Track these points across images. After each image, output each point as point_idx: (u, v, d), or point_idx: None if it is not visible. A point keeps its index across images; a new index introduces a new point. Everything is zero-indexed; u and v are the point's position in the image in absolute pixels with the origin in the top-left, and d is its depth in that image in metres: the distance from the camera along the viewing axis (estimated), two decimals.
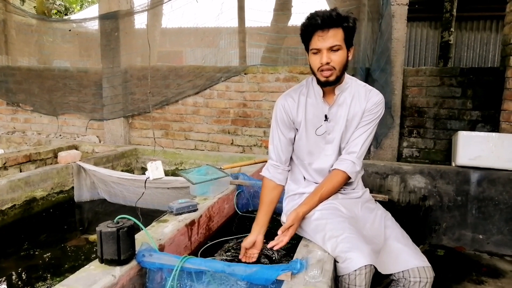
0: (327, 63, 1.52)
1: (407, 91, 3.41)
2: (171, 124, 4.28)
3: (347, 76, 1.72)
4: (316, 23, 1.50)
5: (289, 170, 1.83)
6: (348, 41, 1.56)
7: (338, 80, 1.60)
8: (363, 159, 1.73)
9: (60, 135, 4.81)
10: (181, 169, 3.78)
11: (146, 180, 2.27)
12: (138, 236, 1.58)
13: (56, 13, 8.00)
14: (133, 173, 3.99)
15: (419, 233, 3.07)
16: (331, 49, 1.52)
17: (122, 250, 1.34)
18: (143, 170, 4.02)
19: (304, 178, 1.80)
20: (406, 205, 3.13)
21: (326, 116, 1.69)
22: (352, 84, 1.71)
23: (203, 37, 4.10)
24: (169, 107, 4.26)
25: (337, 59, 1.53)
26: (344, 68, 1.60)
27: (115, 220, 1.38)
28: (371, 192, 3.19)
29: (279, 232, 1.58)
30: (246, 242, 1.69)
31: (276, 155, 1.77)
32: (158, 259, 1.38)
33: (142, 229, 1.45)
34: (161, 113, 4.31)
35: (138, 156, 4.03)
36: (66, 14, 11.22)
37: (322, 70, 1.55)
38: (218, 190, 2.28)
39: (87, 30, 4.79)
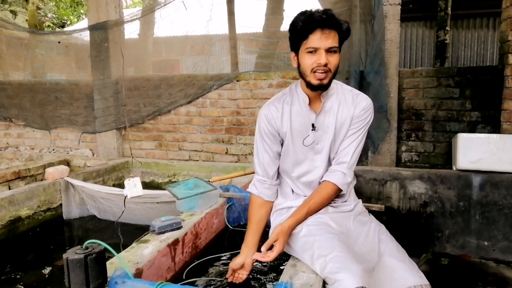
0: (325, 65, 1.43)
1: (403, 93, 3.30)
2: (164, 134, 4.19)
3: (332, 81, 1.62)
4: (317, 20, 1.40)
5: (278, 184, 1.72)
6: (341, 46, 1.49)
7: (330, 84, 1.51)
8: (360, 165, 1.64)
9: (53, 150, 4.73)
10: (175, 181, 3.68)
11: (125, 198, 2.16)
12: (115, 260, 1.48)
13: (48, 26, 7.96)
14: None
15: (421, 241, 2.95)
16: (329, 50, 1.43)
17: (91, 279, 1.23)
18: None
19: (292, 191, 1.69)
20: (407, 212, 3.01)
21: (313, 125, 1.59)
22: (338, 89, 1.61)
23: (193, 44, 4.01)
24: (162, 117, 4.17)
25: (334, 61, 1.45)
26: (336, 72, 1.51)
27: (84, 246, 1.28)
28: (369, 200, 3.12)
29: (262, 248, 1.47)
30: (234, 263, 1.59)
31: (262, 170, 1.67)
32: (132, 287, 1.28)
33: (115, 255, 1.35)
34: (154, 123, 4.22)
35: (130, 169, 3.94)
36: (63, 26, 11.22)
37: (315, 72, 1.45)
38: (207, 204, 2.17)
39: (80, 42, 4.72)
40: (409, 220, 2.99)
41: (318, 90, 1.51)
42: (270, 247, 1.49)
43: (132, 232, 2.69)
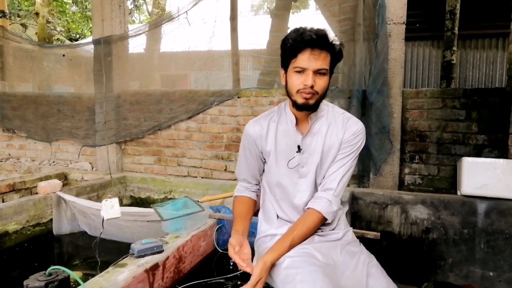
0: (311, 87, 1.36)
1: (407, 114, 3.20)
2: (164, 150, 4.14)
3: (323, 102, 1.54)
4: (309, 40, 1.33)
5: (259, 189, 1.68)
6: (332, 68, 1.42)
7: (317, 106, 1.44)
8: (361, 187, 1.54)
9: (53, 162, 4.71)
10: (170, 198, 3.60)
11: (102, 220, 2.09)
12: (90, 284, 1.39)
13: (57, 39, 8.10)
14: (121, 203, 3.83)
15: (423, 269, 2.81)
16: (318, 72, 1.36)
17: None
18: (132, 199, 3.86)
19: (277, 216, 1.60)
20: (408, 238, 2.88)
21: (299, 147, 1.51)
22: (328, 111, 1.53)
23: (196, 60, 3.99)
24: (162, 132, 4.12)
25: (322, 84, 1.38)
26: (325, 95, 1.44)
27: (47, 272, 1.20)
28: (368, 224, 2.99)
29: None
30: (232, 245, 1.43)
31: (245, 181, 1.66)
32: None
33: (81, 284, 1.26)
34: (154, 138, 4.17)
35: (127, 184, 3.88)
36: (77, 40, 11.42)
37: (303, 92, 1.38)
38: (195, 225, 2.08)
39: (85, 55, 4.75)
40: (410, 246, 2.86)
41: (304, 110, 1.44)
42: None
43: (121, 251, 2.61)
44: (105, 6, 4.09)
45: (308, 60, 1.35)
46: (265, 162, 1.59)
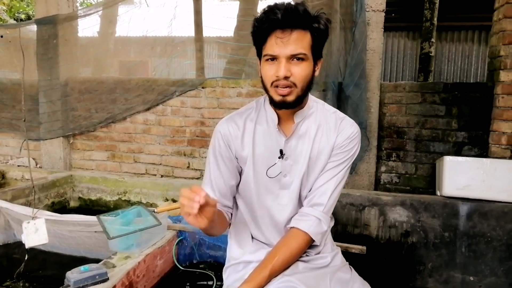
0: (286, 77, 1.06)
1: (385, 108, 2.99)
2: (118, 144, 3.72)
3: (311, 99, 1.24)
4: (274, 19, 1.04)
5: (231, 214, 1.32)
6: (317, 51, 1.11)
7: (299, 102, 1.13)
8: None
9: None
10: (125, 199, 3.22)
11: (27, 249, 1.70)
12: None
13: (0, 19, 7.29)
14: (68, 205, 3.39)
15: (401, 274, 2.64)
16: (293, 58, 1.06)
17: None
18: (81, 200, 3.43)
19: (252, 237, 1.30)
20: (386, 242, 2.69)
21: (281, 152, 1.21)
22: (318, 110, 1.23)
23: (154, 45, 3.58)
24: (116, 125, 3.70)
25: (299, 72, 1.07)
26: (308, 87, 1.13)
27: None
28: (344, 228, 2.77)
29: None
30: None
31: (216, 198, 1.27)
32: None
33: None
34: (107, 132, 3.74)
35: (74, 184, 3.43)
36: (25, 20, 10.46)
37: (277, 86, 1.08)
38: (149, 241, 1.75)
39: (26, 37, 4.19)
40: (388, 250, 2.68)
41: (282, 108, 1.14)
42: None
43: (66, 265, 2.23)
44: None
45: (277, 45, 1.05)
46: (241, 171, 1.28)
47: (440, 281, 2.61)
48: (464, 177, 2.51)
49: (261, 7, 4.35)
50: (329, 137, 1.21)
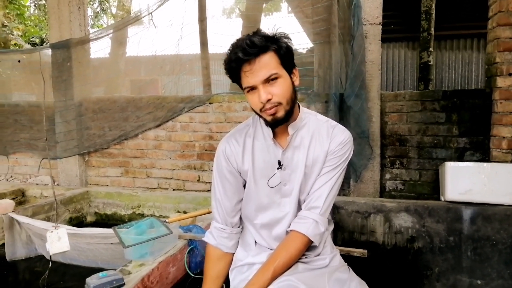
0: (268, 100, 1.17)
1: (386, 117, 3.08)
2: (131, 160, 3.86)
3: (304, 111, 1.35)
4: (238, 57, 1.15)
5: (240, 232, 1.43)
6: (288, 64, 1.21)
7: (289, 115, 1.24)
8: (342, 195, 1.36)
9: (11, 177, 4.34)
10: (139, 213, 3.34)
11: (50, 256, 1.82)
12: None
13: (15, 45, 7.62)
14: (85, 220, 3.53)
15: (409, 279, 2.68)
16: (268, 80, 1.16)
17: None
18: (97, 215, 3.57)
19: (256, 242, 1.40)
20: (393, 248, 2.74)
21: (279, 163, 1.31)
22: (310, 121, 1.34)
23: (163, 64, 3.74)
24: (128, 142, 3.85)
25: (278, 91, 1.18)
26: (293, 99, 1.24)
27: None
28: (351, 235, 2.83)
29: None
30: None
31: (222, 217, 1.39)
32: None
33: None
34: (120, 148, 3.89)
35: (90, 200, 3.58)
36: (40, 44, 10.86)
37: (265, 110, 1.19)
38: (162, 249, 1.85)
39: (42, 60, 4.40)
40: (395, 256, 2.73)
41: (277, 126, 1.25)
42: None
43: (84, 276, 2.35)
44: (63, 8, 3.79)
45: (250, 76, 1.16)
46: (244, 184, 1.38)
47: (447, 285, 2.64)
48: (466, 182, 2.56)
49: (263, 24, 4.49)
50: (323, 144, 1.31)
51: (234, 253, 1.42)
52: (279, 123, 1.23)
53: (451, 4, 5.47)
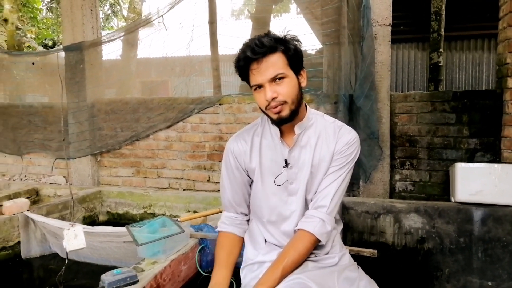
0: (274, 98, 1.21)
1: (396, 118, 3.08)
2: (142, 161, 3.92)
3: (311, 111, 1.38)
4: (247, 56, 1.20)
5: (248, 220, 1.49)
6: (295, 65, 1.25)
7: (294, 114, 1.28)
8: (351, 195, 1.38)
9: (25, 177, 4.43)
10: (150, 212, 3.39)
11: (67, 253, 1.87)
12: None
13: (28, 47, 7.77)
14: (97, 219, 3.59)
15: (419, 281, 2.68)
16: (275, 79, 1.21)
17: None
18: (109, 215, 3.63)
19: (265, 240, 1.42)
20: (402, 249, 2.74)
21: (286, 161, 1.34)
22: (317, 121, 1.37)
23: (174, 66, 3.79)
24: (140, 142, 3.91)
25: (284, 90, 1.22)
26: (299, 99, 1.28)
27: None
28: (361, 236, 2.84)
29: None
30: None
31: (233, 207, 1.46)
32: None
33: None
34: (131, 149, 3.95)
35: (103, 199, 3.64)
36: (52, 47, 11.04)
37: (270, 108, 1.24)
38: (174, 248, 1.89)
39: (55, 63, 4.49)
40: (405, 257, 2.73)
41: (282, 124, 1.29)
42: None
43: (98, 274, 2.40)
44: (76, 11, 3.86)
45: (256, 75, 1.22)
46: (251, 182, 1.42)
47: (458, 286, 2.63)
48: (477, 183, 2.55)
49: (272, 26, 4.52)
50: (329, 144, 1.33)
51: (241, 239, 1.47)
52: (284, 122, 1.27)
53: (461, 4, 5.44)
